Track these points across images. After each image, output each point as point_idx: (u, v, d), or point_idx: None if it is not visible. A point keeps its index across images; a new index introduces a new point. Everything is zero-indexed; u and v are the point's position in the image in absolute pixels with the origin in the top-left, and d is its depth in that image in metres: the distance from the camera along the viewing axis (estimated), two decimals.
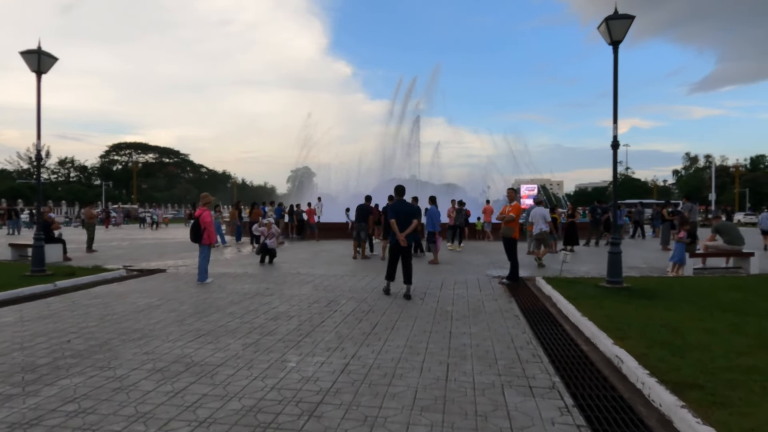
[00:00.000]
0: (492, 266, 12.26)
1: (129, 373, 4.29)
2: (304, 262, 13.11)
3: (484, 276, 10.54)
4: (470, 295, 8.27)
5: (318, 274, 10.58)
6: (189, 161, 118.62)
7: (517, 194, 9.92)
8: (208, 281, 9.51)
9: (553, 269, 11.45)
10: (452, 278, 10.14)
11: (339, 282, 9.56)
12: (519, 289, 8.91)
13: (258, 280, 9.76)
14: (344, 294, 8.27)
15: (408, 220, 8.25)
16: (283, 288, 8.83)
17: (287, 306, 7.24)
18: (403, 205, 8.55)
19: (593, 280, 9.36)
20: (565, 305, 7.15)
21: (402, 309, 7.10)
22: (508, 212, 9.59)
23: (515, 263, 9.58)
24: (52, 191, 79.36)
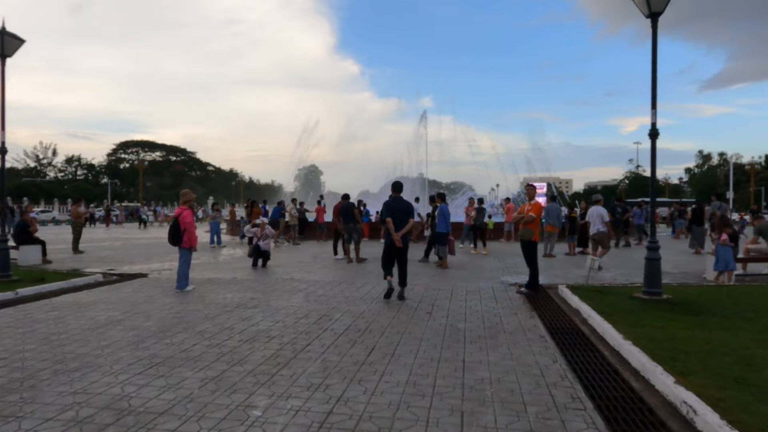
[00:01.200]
0: (507, 271, 11.11)
1: (36, 428, 3.22)
2: (300, 265, 12.05)
3: (499, 283, 9.40)
4: (485, 308, 7.15)
5: (313, 281, 9.50)
6: (196, 159, 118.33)
7: (536, 191, 8.77)
8: (188, 289, 8.47)
9: (575, 275, 10.29)
10: (463, 286, 9.02)
11: (335, 290, 8.47)
12: (540, 300, 7.78)
13: (245, 288, 8.69)
14: (339, 306, 7.18)
15: (404, 218, 7.82)
16: (270, 298, 7.75)
17: (270, 322, 6.16)
18: (399, 202, 8.02)
19: (625, 290, 8.19)
20: (599, 323, 6.01)
21: (405, 327, 5.99)
22: (528, 212, 8.44)
23: (535, 269, 8.44)
24: (58, 189, 79.03)
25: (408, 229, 7.91)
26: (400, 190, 8.32)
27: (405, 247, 7.96)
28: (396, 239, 7.73)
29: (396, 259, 7.96)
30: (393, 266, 7.99)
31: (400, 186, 8.42)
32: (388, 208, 8.11)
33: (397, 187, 8.32)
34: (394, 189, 8.35)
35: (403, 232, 7.80)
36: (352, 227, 12.18)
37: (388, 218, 7.93)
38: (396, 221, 7.83)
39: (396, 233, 7.76)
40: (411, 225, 8.02)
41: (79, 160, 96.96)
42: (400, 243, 7.74)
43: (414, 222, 8.29)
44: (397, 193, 8.24)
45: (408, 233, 8.09)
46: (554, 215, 14.45)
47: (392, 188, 8.43)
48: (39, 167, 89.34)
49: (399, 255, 7.90)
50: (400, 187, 8.37)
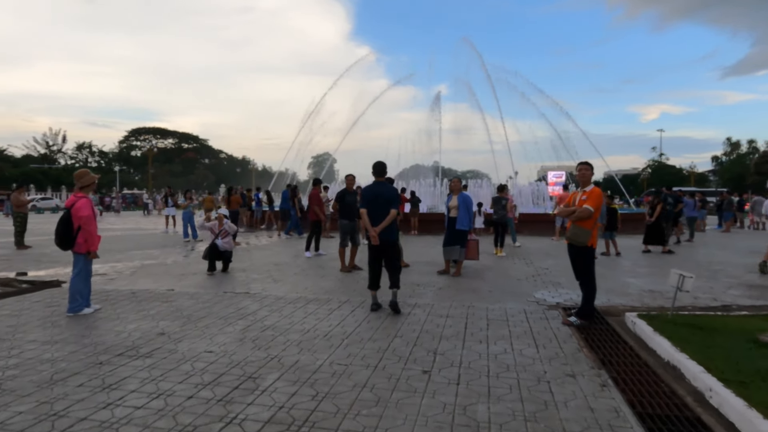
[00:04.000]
0: (540, 281, 8.33)
1: None
2: (272, 269, 9.41)
3: (533, 303, 6.65)
4: (520, 359, 4.41)
5: (273, 297, 6.85)
6: (207, 146, 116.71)
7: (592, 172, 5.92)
8: (85, 312, 5.90)
9: (635, 289, 7.48)
10: (482, 309, 6.29)
11: (295, 317, 5.81)
12: (604, 341, 5.02)
13: (167, 311, 6.08)
14: (285, 353, 4.51)
15: (384, 209, 6.23)
16: (188, 333, 5.12)
17: (142, 398, 3.52)
18: (379, 188, 6.42)
19: (733, 322, 5.36)
20: (736, 408, 3.26)
21: (382, 409, 3.30)
22: (582, 203, 5.63)
23: (591, 288, 5.66)
24: (66, 177, 77.72)
25: (389, 222, 6.17)
26: (382, 173, 6.58)
27: (391, 245, 6.28)
28: (373, 235, 6.11)
29: (382, 259, 6.29)
30: (380, 273, 6.32)
31: (382, 168, 6.60)
32: (364, 197, 6.47)
33: (379, 169, 6.55)
34: (375, 172, 6.57)
35: (382, 226, 6.12)
36: (353, 226, 9.34)
37: (363, 209, 6.32)
38: (373, 212, 6.23)
39: (374, 228, 6.12)
40: (393, 217, 6.22)
41: (90, 147, 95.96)
42: (376, 240, 6.11)
43: (395, 213, 6.26)
44: (380, 176, 6.54)
45: (394, 226, 6.34)
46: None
47: (373, 171, 6.59)
48: (49, 154, 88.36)
49: (383, 253, 6.24)
50: (382, 169, 6.58)
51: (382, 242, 6.25)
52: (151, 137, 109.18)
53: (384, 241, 6.25)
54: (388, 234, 6.27)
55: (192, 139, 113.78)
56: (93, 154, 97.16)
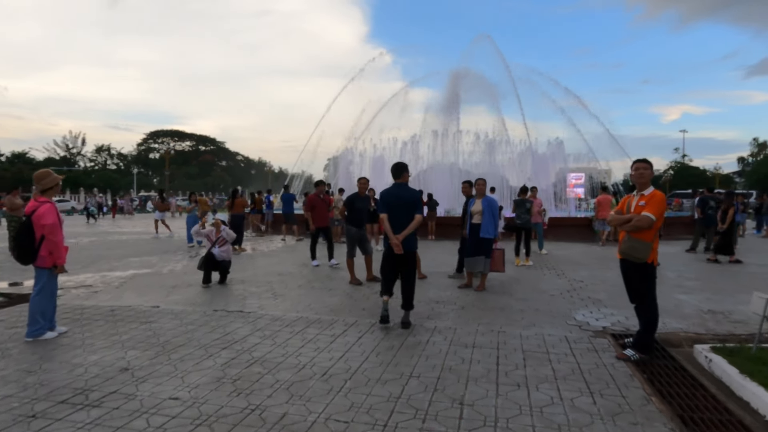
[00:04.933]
0: (578, 297, 7.25)
1: None
2: (273, 280, 8.50)
3: (574, 328, 5.59)
4: (572, 413, 3.38)
5: (269, 317, 5.91)
6: (224, 149, 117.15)
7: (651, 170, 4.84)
8: (47, 336, 5.04)
9: (692, 309, 6.35)
10: (515, 335, 5.26)
11: (290, 346, 4.86)
12: (671, 380, 3.97)
13: (143, 335, 5.18)
14: (275, 398, 3.56)
15: (407, 214, 5.57)
16: (159, 367, 4.20)
17: None
18: (400, 191, 5.71)
19: None
20: None
21: None
22: (640, 209, 4.57)
23: (651, 314, 4.59)
24: (85, 179, 78.40)
25: (413, 228, 5.57)
26: (400, 174, 5.80)
27: (410, 255, 5.64)
28: (395, 243, 5.48)
29: (399, 271, 5.67)
30: (395, 280, 5.73)
31: (401, 169, 5.85)
32: (383, 200, 5.74)
33: (398, 171, 5.82)
34: (393, 173, 5.86)
35: (405, 233, 5.51)
36: (361, 234, 8.37)
37: (383, 214, 5.63)
38: (394, 218, 5.57)
39: (395, 235, 5.50)
40: (417, 223, 5.59)
41: (109, 149, 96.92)
42: (400, 249, 5.48)
43: (420, 219, 5.62)
44: (399, 178, 5.79)
45: (414, 234, 5.68)
46: None
47: (392, 172, 5.88)
48: (69, 156, 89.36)
49: (402, 265, 5.64)
50: (400, 170, 5.83)
51: (404, 252, 5.44)
52: (169, 140, 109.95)
53: (405, 251, 5.42)
54: (410, 243, 5.45)
55: (209, 142, 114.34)
56: (112, 156, 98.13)
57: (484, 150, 27.43)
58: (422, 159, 27.23)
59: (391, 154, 28.30)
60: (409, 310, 5.54)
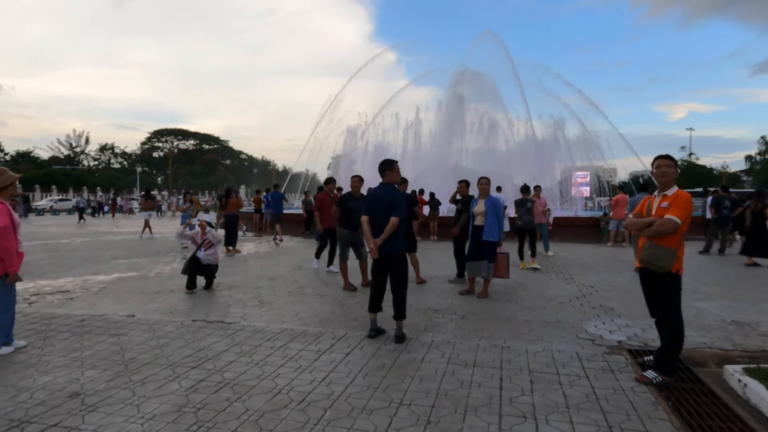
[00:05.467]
0: (588, 307, 6.70)
1: None
2: (263, 285, 8.00)
3: (586, 343, 5.05)
4: None
5: (251, 329, 5.41)
6: (228, 148, 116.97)
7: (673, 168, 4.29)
8: (3, 351, 4.55)
9: (714, 319, 5.78)
10: (520, 351, 4.72)
11: (271, 362, 4.35)
12: (700, 410, 3.43)
13: (108, 352, 4.68)
14: None
15: (387, 216, 4.97)
16: (115, 392, 3.70)
17: None
18: (382, 191, 5.17)
19: None
20: None
21: None
22: (663, 211, 4.02)
23: (676, 331, 4.04)
24: (88, 178, 78.30)
25: (389, 232, 4.95)
26: (384, 172, 5.21)
27: (396, 262, 5.06)
28: (371, 248, 5.03)
29: (389, 278, 5.12)
30: (383, 293, 5.15)
31: (385, 166, 5.24)
32: (365, 201, 5.39)
33: (382, 169, 5.24)
34: (381, 171, 5.27)
35: (382, 237, 4.96)
36: (354, 237, 7.82)
37: (364, 216, 5.16)
38: (374, 221, 5.06)
39: (375, 239, 4.99)
40: (392, 227, 4.96)
41: (113, 148, 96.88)
42: (375, 253, 5.00)
43: (396, 222, 4.96)
44: (384, 177, 5.21)
45: (399, 238, 5.07)
46: None
47: (379, 169, 5.29)
48: (73, 155, 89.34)
49: (391, 272, 5.08)
50: (384, 167, 5.23)
51: (383, 257, 4.93)
52: (173, 138, 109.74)
53: (384, 256, 4.90)
54: (390, 247, 4.90)
55: (213, 141, 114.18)
56: (115, 155, 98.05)
57: (487, 137, 26.84)
58: (424, 157, 26.68)
59: (395, 154, 27.70)
60: (401, 320, 5.02)
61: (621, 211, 14.58)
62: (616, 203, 14.55)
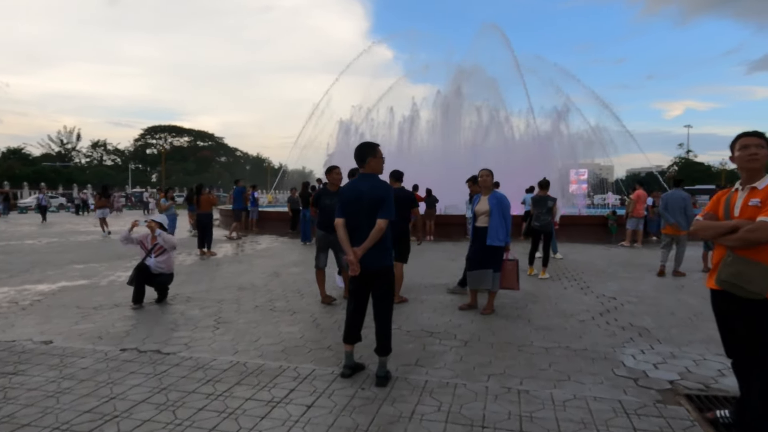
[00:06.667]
0: (617, 328, 5.47)
1: None
2: (227, 298, 6.76)
3: (627, 383, 3.83)
4: None
5: (191, 364, 4.17)
6: (223, 144, 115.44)
7: None
8: None
9: None
10: (542, 400, 3.51)
11: (198, 426, 3.13)
12: None
13: None
14: None
15: (371, 218, 3.68)
16: None
17: None
18: (363, 184, 3.80)
19: None
20: None
21: None
22: (751, 211, 2.82)
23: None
24: (79, 175, 76.73)
25: (375, 239, 3.68)
26: (364, 159, 3.89)
27: (383, 275, 3.79)
28: (350, 261, 3.71)
29: (371, 297, 3.86)
30: (363, 318, 3.93)
31: (365, 151, 3.90)
32: (340, 199, 3.97)
33: (361, 155, 3.90)
34: (357, 158, 3.94)
35: (364, 246, 3.68)
36: (332, 239, 6.53)
37: (338, 219, 3.88)
38: (353, 224, 3.79)
39: (355, 249, 3.72)
40: (379, 232, 3.68)
41: (105, 145, 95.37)
42: (355, 268, 3.70)
43: (383, 225, 3.69)
44: (364, 166, 3.91)
45: (386, 245, 3.82)
46: (677, 208, 8.61)
47: (357, 157, 3.94)
48: (64, 152, 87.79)
49: (374, 291, 3.83)
50: (364, 153, 3.89)
51: (367, 271, 3.72)
52: (167, 135, 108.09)
53: (369, 269, 3.72)
54: (375, 259, 3.67)
55: (207, 137, 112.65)
56: (108, 152, 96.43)
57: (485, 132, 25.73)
58: (422, 154, 25.48)
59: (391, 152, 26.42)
60: (385, 356, 3.80)
61: (641, 208, 13.45)
62: (638, 199, 13.38)
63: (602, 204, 38.51)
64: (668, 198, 8.72)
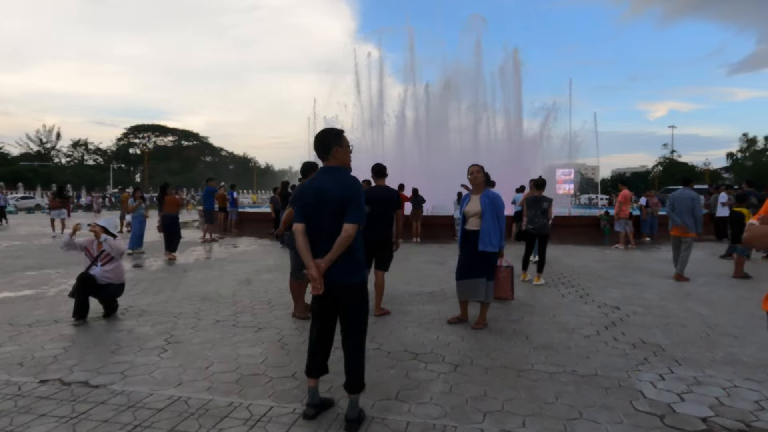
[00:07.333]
0: (626, 344, 4.80)
1: None
2: (187, 310, 5.98)
3: (653, 423, 3.16)
4: None
5: (123, 399, 3.41)
6: (208, 144, 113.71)
7: None
8: None
9: None
10: None
11: None
12: None
13: None
14: None
15: (337, 222, 2.91)
16: None
17: None
18: (326, 182, 3.03)
19: None
20: None
21: None
22: None
23: None
24: (58, 175, 74.76)
25: (342, 248, 2.92)
26: (328, 149, 3.11)
27: (352, 294, 3.03)
28: (311, 276, 2.95)
29: (339, 317, 3.12)
30: (330, 345, 3.21)
31: (334, 138, 3.13)
32: (296, 199, 3.21)
33: (327, 142, 3.11)
34: (318, 149, 3.16)
35: (329, 257, 2.93)
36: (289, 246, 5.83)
37: (297, 225, 3.08)
38: (315, 229, 3.03)
39: (318, 261, 2.96)
40: (347, 239, 2.91)
41: (86, 144, 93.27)
42: (318, 287, 2.95)
43: (353, 231, 2.92)
44: (328, 158, 3.13)
45: (357, 256, 3.05)
46: (685, 208, 8.00)
47: (316, 149, 3.16)
48: (43, 151, 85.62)
49: (342, 313, 3.09)
50: (326, 142, 3.12)
51: (333, 288, 2.99)
52: (150, 134, 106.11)
53: (335, 286, 2.99)
54: (341, 273, 2.95)
55: (192, 137, 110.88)
56: (89, 151, 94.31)
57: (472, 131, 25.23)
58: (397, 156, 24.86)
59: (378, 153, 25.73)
60: (357, 393, 3.07)
61: (627, 209, 12.90)
62: (624, 199, 12.83)
63: (588, 203, 38.18)
64: (676, 198, 8.12)
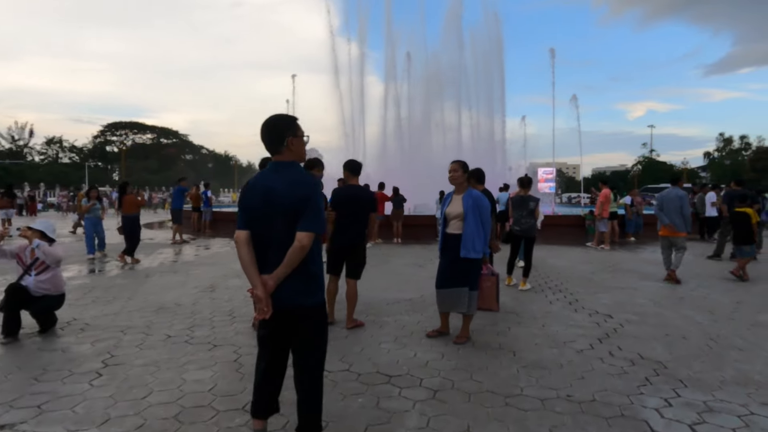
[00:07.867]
0: (623, 359, 4.33)
1: None
2: (137, 324, 5.35)
3: None
4: None
5: None
6: (188, 142, 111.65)
7: None
8: None
9: None
10: None
11: None
12: None
13: None
14: None
15: (289, 230, 2.33)
16: None
17: None
18: (275, 181, 2.41)
19: None
20: None
21: None
22: None
23: None
24: (31, 173, 72.50)
25: (295, 262, 2.29)
26: (281, 141, 2.46)
27: (308, 318, 2.43)
28: (258, 296, 2.29)
29: (293, 355, 2.53)
30: (280, 380, 2.63)
31: (288, 126, 2.49)
32: (240, 203, 2.56)
33: (280, 133, 2.47)
34: (266, 141, 2.52)
35: (278, 273, 2.28)
36: None
37: (241, 232, 2.45)
38: (263, 240, 2.39)
39: (265, 277, 2.32)
40: (300, 251, 2.27)
41: (60, 141, 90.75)
42: (265, 310, 2.28)
43: (308, 240, 2.30)
44: (279, 151, 2.49)
45: (314, 272, 2.44)
46: (673, 208, 7.62)
47: (268, 138, 2.52)
48: (15, 149, 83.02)
49: (295, 342, 2.49)
50: (284, 128, 2.48)
51: (283, 312, 2.41)
52: (128, 132, 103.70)
53: (285, 309, 2.41)
54: (294, 292, 2.40)
55: (172, 135, 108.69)
56: (64, 149, 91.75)
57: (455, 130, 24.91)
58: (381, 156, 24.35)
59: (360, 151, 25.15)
60: (311, 414, 2.50)
61: (608, 208, 12.60)
62: (606, 199, 12.51)
63: (568, 202, 38.11)
64: (664, 197, 7.73)
